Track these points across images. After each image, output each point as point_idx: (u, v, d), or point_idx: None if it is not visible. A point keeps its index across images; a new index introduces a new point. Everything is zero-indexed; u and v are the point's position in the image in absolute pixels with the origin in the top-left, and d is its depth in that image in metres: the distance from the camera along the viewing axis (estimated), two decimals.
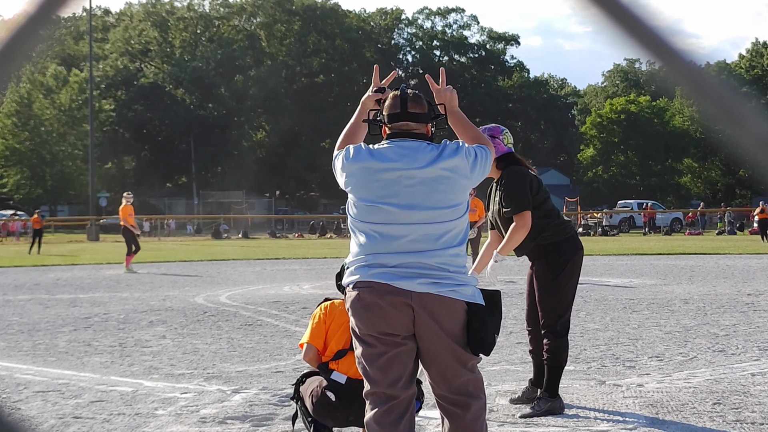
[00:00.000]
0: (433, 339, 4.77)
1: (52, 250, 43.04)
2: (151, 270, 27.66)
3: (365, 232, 4.85)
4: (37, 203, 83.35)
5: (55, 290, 20.97)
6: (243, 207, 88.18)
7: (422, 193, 4.79)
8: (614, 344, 11.36)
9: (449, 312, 4.74)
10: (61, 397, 8.45)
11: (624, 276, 23.04)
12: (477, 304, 4.81)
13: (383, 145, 4.95)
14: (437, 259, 4.76)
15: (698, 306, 15.67)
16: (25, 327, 14.05)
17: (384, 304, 4.70)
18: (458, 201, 4.89)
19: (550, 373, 7.54)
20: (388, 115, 5.01)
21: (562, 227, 7.57)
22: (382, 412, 4.80)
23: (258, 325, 13.86)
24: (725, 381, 8.76)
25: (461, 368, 4.84)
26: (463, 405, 4.89)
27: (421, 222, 4.78)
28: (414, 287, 4.70)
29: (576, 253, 7.60)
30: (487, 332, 4.81)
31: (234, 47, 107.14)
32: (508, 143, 7.64)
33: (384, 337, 4.76)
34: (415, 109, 4.98)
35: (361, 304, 4.75)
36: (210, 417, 7.49)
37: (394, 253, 4.76)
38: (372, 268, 4.77)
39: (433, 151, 4.87)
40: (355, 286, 4.80)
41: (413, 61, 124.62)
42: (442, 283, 4.74)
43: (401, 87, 5.14)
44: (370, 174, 4.84)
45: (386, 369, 4.78)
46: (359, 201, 4.88)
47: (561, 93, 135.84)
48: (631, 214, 71.40)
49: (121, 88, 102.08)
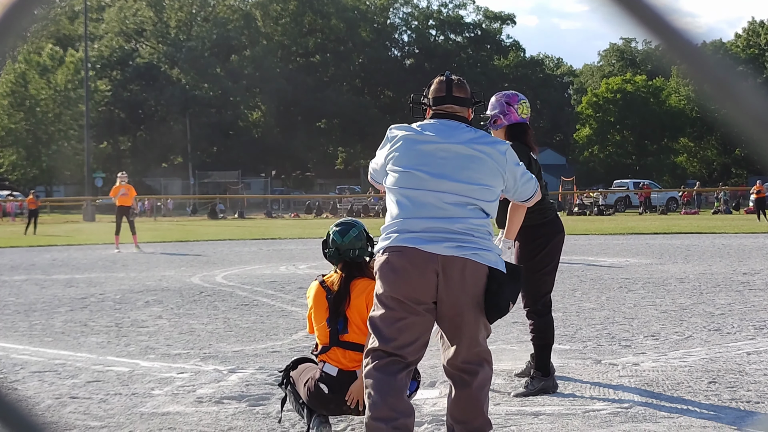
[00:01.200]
0: (456, 302, 4.98)
1: (48, 230, 43.02)
2: (147, 249, 27.66)
3: (397, 198, 5.11)
4: (33, 184, 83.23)
5: (51, 270, 20.97)
6: (239, 187, 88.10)
7: (453, 166, 5.06)
8: (610, 323, 11.38)
9: (472, 274, 4.96)
10: (57, 377, 8.45)
11: (620, 255, 23.06)
12: (498, 270, 5.03)
13: (426, 122, 5.29)
14: (461, 225, 4.98)
15: (694, 285, 15.69)
16: (22, 307, 14.05)
17: (411, 268, 4.93)
18: (487, 182, 5.13)
19: (539, 352, 7.55)
20: (433, 98, 5.35)
21: (542, 212, 7.51)
22: (384, 363, 5.00)
23: (254, 305, 13.86)
24: (720, 360, 8.78)
25: (476, 335, 5.09)
26: (472, 372, 5.13)
27: (449, 191, 5.01)
28: (440, 251, 4.92)
29: (556, 235, 7.59)
30: (502, 297, 5.01)
31: (229, 27, 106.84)
32: (522, 113, 7.56)
33: (407, 302, 4.96)
34: (459, 93, 5.35)
35: (389, 267, 4.99)
36: (206, 397, 7.50)
37: (422, 218, 4.99)
38: (401, 233, 5.00)
39: (471, 132, 5.19)
40: (385, 251, 5.04)
41: (409, 40, 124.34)
42: (467, 246, 4.96)
43: (446, 73, 5.48)
44: (410, 144, 5.14)
45: (401, 332, 4.99)
46: (396, 168, 5.15)
47: (557, 72, 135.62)
48: (627, 194, 71.43)
49: (117, 68, 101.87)
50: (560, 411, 6.86)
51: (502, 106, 7.56)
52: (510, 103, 7.55)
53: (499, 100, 7.63)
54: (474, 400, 5.14)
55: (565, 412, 6.81)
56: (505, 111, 7.55)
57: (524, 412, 6.84)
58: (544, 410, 6.90)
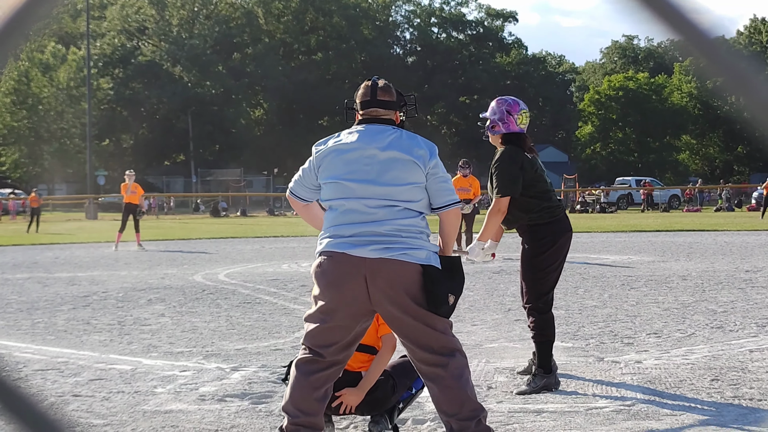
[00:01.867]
0: (391, 304, 5.10)
1: (50, 228, 43.04)
2: (149, 248, 27.67)
3: (330, 208, 5.32)
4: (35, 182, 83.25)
5: (54, 269, 20.98)
6: (241, 185, 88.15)
7: (378, 171, 5.22)
8: (612, 321, 11.38)
9: (403, 274, 5.07)
10: (60, 375, 8.46)
11: (622, 253, 23.06)
12: (431, 266, 5.13)
13: (353, 128, 5.47)
14: (388, 227, 5.14)
15: (696, 283, 15.69)
16: (24, 306, 14.06)
17: (339, 274, 5.11)
18: (412, 180, 5.25)
19: (540, 349, 7.56)
20: (360, 103, 5.50)
21: (549, 210, 7.54)
22: (306, 360, 5.24)
23: (257, 303, 13.87)
24: (723, 357, 8.78)
25: (431, 330, 5.16)
26: (442, 365, 5.17)
27: (374, 197, 5.18)
28: (366, 254, 5.08)
29: (563, 234, 7.60)
30: (440, 292, 5.10)
31: (231, 25, 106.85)
32: (521, 123, 7.59)
33: (332, 306, 5.14)
34: (384, 97, 5.47)
35: (320, 270, 5.20)
36: (209, 395, 7.50)
37: (351, 224, 5.17)
38: (333, 238, 5.20)
39: (394, 134, 5.33)
40: (319, 255, 5.24)
41: (411, 38, 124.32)
42: (394, 247, 5.10)
43: (373, 78, 5.60)
44: (335, 155, 5.32)
45: (322, 333, 5.18)
46: (326, 180, 5.34)
47: (559, 70, 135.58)
48: (629, 191, 71.39)
49: (119, 66, 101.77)
50: (563, 408, 6.86)
51: (502, 114, 7.59)
52: (510, 112, 7.58)
53: (500, 106, 7.64)
54: (455, 389, 5.17)
55: (567, 410, 6.81)
56: (504, 119, 7.59)
57: (527, 410, 6.84)
58: (547, 408, 6.90)
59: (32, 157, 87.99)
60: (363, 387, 5.89)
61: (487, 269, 18.46)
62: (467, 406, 5.18)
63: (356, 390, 5.88)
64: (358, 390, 5.88)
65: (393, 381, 5.99)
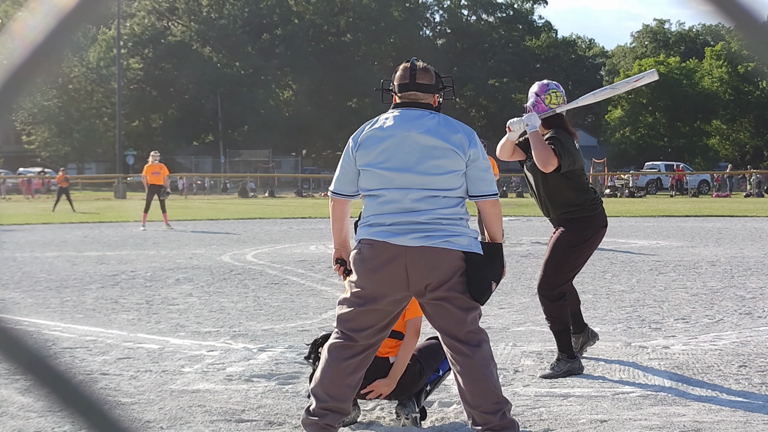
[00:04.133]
0: (431, 290, 5.08)
1: (79, 207, 43.22)
2: (178, 228, 27.77)
3: (369, 196, 5.27)
4: (65, 161, 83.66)
5: (83, 247, 21.10)
6: (270, 166, 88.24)
7: (416, 159, 5.16)
8: (640, 306, 11.35)
9: (445, 261, 5.04)
10: (88, 353, 8.51)
11: (650, 238, 22.98)
12: (474, 253, 5.11)
13: (389, 113, 5.37)
14: (429, 216, 5.09)
15: (725, 268, 15.62)
16: (53, 284, 14.14)
17: (378, 261, 5.08)
18: (451, 168, 5.18)
19: (560, 336, 7.56)
20: (398, 85, 5.40)
21: (592, 203, 7.56)
22: (338, 345, 5.22)
23: (284, 284, 13.91)
24: (751, 344, 8.75)
25: (463, 318, 5.12)
26: (467, 354, 5.15)
27: (413, 187, 5.13)
28: (407, 242, 5.05)
29: (599, 230, 7.62)
30: (482, 278, 5.09)
31: (261, 5, 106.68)
32: (550, 103, 7.57)
33: (369, 292, 5.12)
34: (423, 80, 5.36)
35: (359, 257, 5.18)
36: (236, 375, 7.53)
37: (391, 213, 5.12)
38: (372, 227, 5.16)
39: (433, 120, 5.25)
40: (359, 242, 5.21)
41: (440, 20, 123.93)
42: (435, 235, 5.06)
43: (411, 59, 5.47)
44: (373, 142, 5.23)
45: (357, 317, 5.17)
46: (364, 167, 5.25)
47: (589, 54, 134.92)
48: (659, 176, 71.02)
49: (149, 46, 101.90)
50: (589, 393, 6.85)
51: (534, 97, 7.63)
52: (538, 94, 7.60)
53: (532, 90, 7.69)
54: (479, 380, 5.13)
55: (594, 394, 6.80)
56: (534, 102, 7.60)
57: (553, 394, 6.84)
58: (574, 392, 6.89)
59: (62, 136, 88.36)
60: (394, 375, 5.89)
61: (515, 253, 18.42)
62: (490, 398, 5.14)
63: (387, 380, 5.88)
64: (389, 380, 5.88)
65: (420, 365, 6.00)
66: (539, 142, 7.26)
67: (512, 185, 68.64)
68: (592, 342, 8.02)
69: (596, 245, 7.69)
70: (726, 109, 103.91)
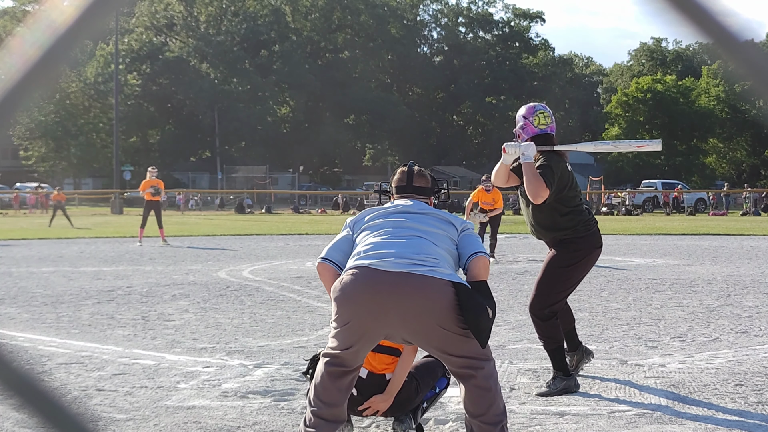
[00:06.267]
0: (418, 317, 4.99)
1: (75, 222, 43.17)
2: (174, 243, 27.76)
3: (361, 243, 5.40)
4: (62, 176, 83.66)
5: (79, 263, 21.08)
6: (266, 182, 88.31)
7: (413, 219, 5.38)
8: (636, 324, 11.34)
9: (430, 288, 4.97)
10: (84, 369, 8.49)
11: (647, 256, 22.98)
12: (461, 283, 5.06)
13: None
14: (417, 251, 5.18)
15: (721, 287, 15.62)
16: (49, 299, 14.12)
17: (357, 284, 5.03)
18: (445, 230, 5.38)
19: (554, 355, 7.57)
20: (395, 188, 5.72)
21: (585, 224, 7.56)
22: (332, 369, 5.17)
23: (280, 300, 13.89)
24: (748, 362, 8.74)
25: (461, 336, 5.04)
26: (476, 367, 5.11)
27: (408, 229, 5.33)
28: (391, 267, 5.02)
29: (593, 251, 7.63)
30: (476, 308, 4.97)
31: (259, 22, 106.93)
32: (538, 125, 7.59)
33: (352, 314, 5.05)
34: (419, 183, 5.71)
35: (340, 285, 5.09)
36: (232, 391, 7.52)
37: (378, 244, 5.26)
38: (360, 259, 5.16)
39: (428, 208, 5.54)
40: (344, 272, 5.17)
41: (438, 37, 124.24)
42: (420, 265, 5.04)
43: (409, 163, 5.81)
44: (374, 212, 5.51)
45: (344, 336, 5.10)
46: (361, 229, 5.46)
47: (586, 72, 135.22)
48: (655, 194, 71.11)
49: (147, 62, 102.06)
50: (585, 411, 6.85)
51: (522, 120, 7.67)
52: (526, 116, 7.63)
53: (520, 114, 7.72)
54: (484, 390, 5.12)
55: (590, 413, 6.79)
56: (523, 125, 7.63)
57: (549, 412, 6.83)
58: (569, 410, 6.88)
59: (59, 151, 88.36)
60: (390, 392, 5.88)
61: (512, 270, 18.43)
62: (493, 410, 5.14)
63: (384, 396, 5.87)
64: (386, 395, 5.87)
65: (416, 382, 5.99)
66: (531, 174, 7.26)
67: (509, 202, 68.66)
68: (587, 360, 8.02)
69: (590, 266, 7.69)
70: (723, 127, 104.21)
